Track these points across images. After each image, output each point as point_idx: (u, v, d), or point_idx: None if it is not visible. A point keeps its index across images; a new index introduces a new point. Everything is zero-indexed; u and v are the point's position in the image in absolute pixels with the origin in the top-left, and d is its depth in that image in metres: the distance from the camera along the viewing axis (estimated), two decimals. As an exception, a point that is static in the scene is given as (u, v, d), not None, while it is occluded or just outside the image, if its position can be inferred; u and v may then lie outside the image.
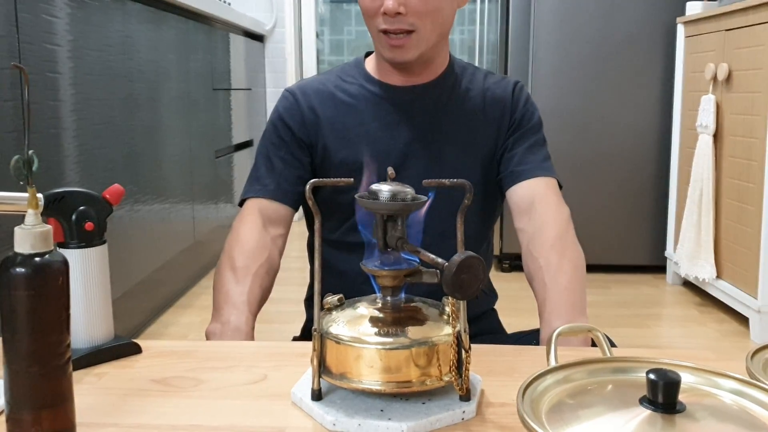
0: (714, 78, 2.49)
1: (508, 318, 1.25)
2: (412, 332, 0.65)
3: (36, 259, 0.58)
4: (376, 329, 0.65)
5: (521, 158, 1.10)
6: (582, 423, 0.52)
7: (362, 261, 0.69)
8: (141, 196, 2.14)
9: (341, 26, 4.49)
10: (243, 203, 1.11)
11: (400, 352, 0.64)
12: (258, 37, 3.96)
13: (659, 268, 3.00)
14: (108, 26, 1.91)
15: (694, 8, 2.71)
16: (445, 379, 0.65)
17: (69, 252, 0.78)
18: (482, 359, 0.77)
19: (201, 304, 2.59)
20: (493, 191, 1.14)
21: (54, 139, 1.61)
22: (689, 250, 2.61)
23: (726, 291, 2.44)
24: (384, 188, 0.66)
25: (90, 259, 0.79)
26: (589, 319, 0.98)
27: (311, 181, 0.69)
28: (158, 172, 2.32)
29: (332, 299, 0.70)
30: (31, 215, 0.59)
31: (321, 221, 0.69)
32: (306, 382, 0.70)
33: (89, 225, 0.79)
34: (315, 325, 0.67)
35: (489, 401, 0.69)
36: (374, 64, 1.12)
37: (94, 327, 0.80)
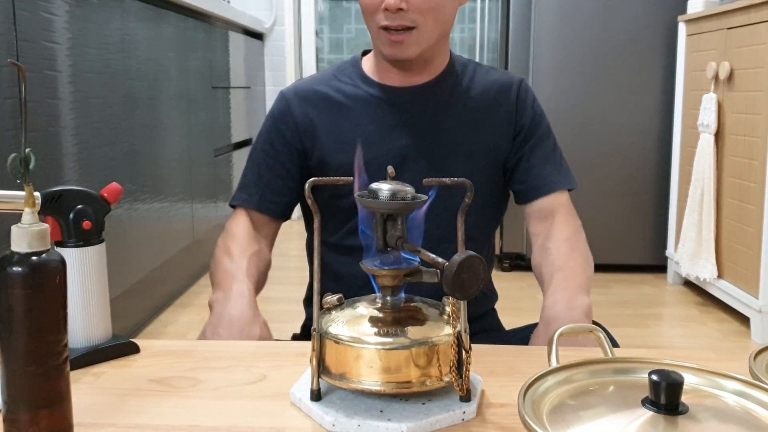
0: (715, 76, 2.48)
1: (508, 318, 1.25)
2: (412, 332, 0.65)
3: (33, 258, 0.58)
4: (376, 329, 0.65)
5: (539, 171, 1.09)
6: (584, 424, 0.51)
7: (362, 261, 0.69)
8: (140, 195, 2.13)
9: (341, 24, 4.49)
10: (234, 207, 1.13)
11: (400, 353, 0.63)
12: (257, 35, 3.96)
13: (660, 268, 3.00)
14: (107, 24, 1.90)
15: (696, 6, 2.71)
16: (446, 380, 0.65)
17: (66, 251, 0.77)
18: (482, 359, 0.77)
19: (200, 303, 2.59)
20: (497, 194, 1.12)
21: (53, 138, 1.60)
22: (690, 250, 2.60)
23: (727, 291, 2.44)
24: (384, 187, 0.66)
25: (88, 258, 0.79)
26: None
27: (311, 180, 0.68)
28: (157, 171, 2.31)
29: (331, 299, 0.69)
30: (28, 214, 0.59)
31: (320, 220, 0.68)
32: (305, 383, 0.69)
33: (87, 224, 0.78)
34: (314, 325, 0.66)
35: (489, 402, 0.69)
36: (372, 64, 1.10)
37: (92, 326, 0.79)
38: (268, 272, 1.11)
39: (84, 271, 0.78)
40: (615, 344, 0.90)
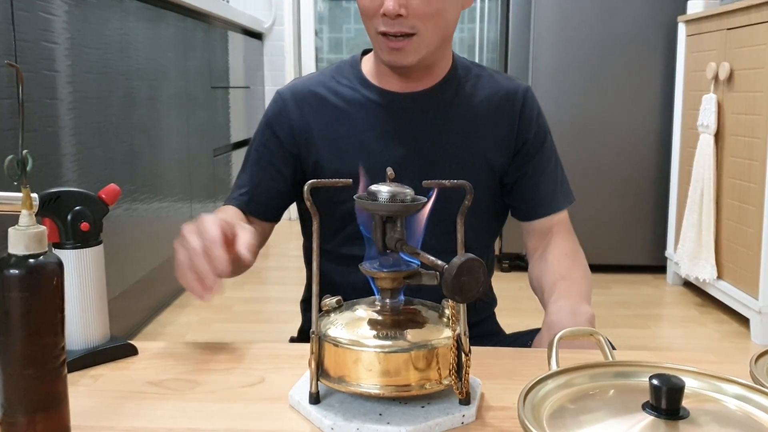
0: (715, 77, 2.48)
1: (508, 318, 1.24)
2: (412, 335, 0.64)
3: (30, 261, 0.57)
4: (375, 332, 0.65)
5: (541, 192, 1.08)
6: (584, 429, 0.51)
7: (361, 263, 0.68)
8: (139, 195, 2.13)
9: (340, 24, 4.48)
10: None
11: (399, 356, 0.63)
12: (257, 35, 3.95)
13: (660, 268, 2.99)
14: (106, 24, 1.90)
15: (696, 7, 2.70)
16: (445, 383, 0.64)
17: (64, 252, 0.77)
18: (482, 362, 0.77)
19: (199, 304, 2.58)
20: (495, 204, 1.10)
21: (51, 138, 1.60)
22: (690, 251, 2.60)
23: (726, 291, 2.43)
24: (383, 189, 0.65)
25: (85, 260, 0.78)
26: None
27: (310, 182, 0.68)
28: (156, 171, 2.31)
29: (330, 301, 0.69)
30: (25, 216, 0.58)
31: (319, 221, 0.68)
32: (304, 385, 0.69)
33: (85, 225, 0.78)
34: (313, 328, 0.66)
35: (489, 405, 0.68)
36: (371, 66, 1.06)
37: (90, 328, 0.79)
38: (252, 257, 0.99)
39: (82, 273, 0.78)
40: (612, 347, 0.90)
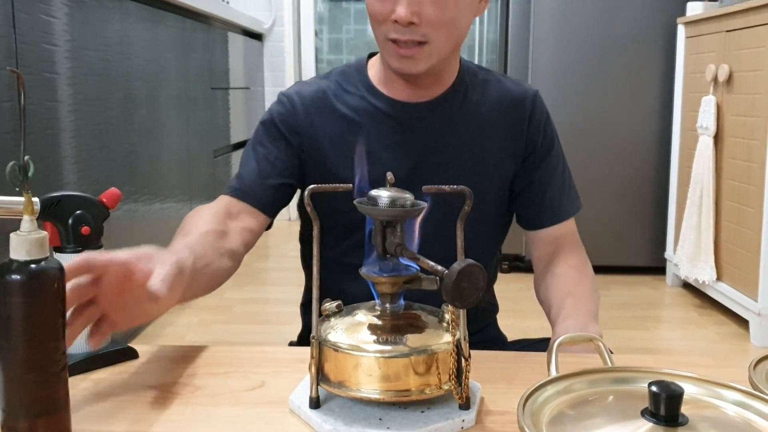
0: (715, 79, 2.48)
1: (508, 320, 1.24)
2: (411, 340, 0.65)
3: (32, 266, 0.58)
4: (375, 337, 0.65)
5: (549, 200, 1.07)
6: (583, 435, 0.51)
7: (361, 268, 0.68)
8: (139, 196, 2.13)
9: (340, 25, 4.48)
10: None
11: (399, 361, 0.63)
12: (257, 36, 3.95)
13: (659, 270, 3.00)
14: (106, 26, 1.90)
15: (695, 9, 2.71)
16: (445, 388, 0.64)
17: (65, 256, 0.77)
18: (481, 366, 0.77)
19: (199, 304, 2.58)
20: (502, 212, 1.09)
21: (52, 140, 1.60)
22: (689, 252, 2.60)
23: (726, 293, 2.44)
24: (383, 194, 0.66)
25: (87, 264, 0.78)
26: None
27: (310, 187, 0.68)
28: (156, 172, 2.31)
29: (330, 306, 0.69)
30: (27, 222, 0.58)
31: (322, 229, 0.68)
32: (304, 390, 0.69)
33: (86, 229, 0.78)
34: (313, 332, 0.66)
35: (489, 409, 0.69)
36: (378, 72, 1.03)
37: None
38: (234, 262, 0.93)
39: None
40: (610, 351, 0.90)
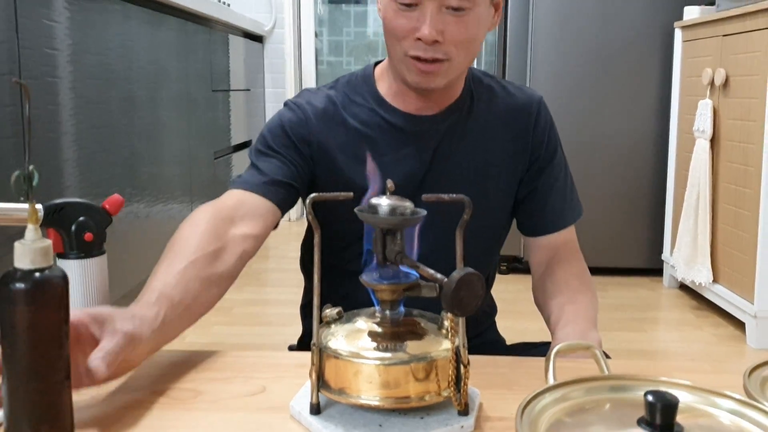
0: (711, 83, 2.49)
1: (506, 321, 1.25)
2: (411, 347, 0.65)
3: (36, 275, 0.58)
4: (375, 344, 0.66)
5: (550, 208, 1.07)
6: (580, 442, 0.52)
7: (361, 275, 0.69)
8: (140, 198, 2.14)
9: (340, 27, 4.49)
10: None
11: (399, 368, 0.64)
12: (257, 38, 3.96)
13: (656, 271, 3.01)
14: (107, 29, 1.91)
15: (692, 13, 2.72)
16: (444, 394, 0.65)
17: (68, 263, 0.78)
18: (480, 371, 0.77)
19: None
20: (504, 220, 1.10)
21: (53, 143, 1.61)
22: (686, 254, 2.61)
23: (722, 295, 2.45)
24: (383, 202, 0.66)
25: (89, 270, 0.79)
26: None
27: (311, 196, 0.69)
28: (157, 174, 2.32)
29: (331, 312, 0.70)
30: (31, 231, 0.59)
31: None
32: (305, 396, 0.70)
33: (88, 236, 0.79)
34: (314, 340, 0.67)
35: (487, 415, 0.69)
36: (386, 82, 1.03)
37: (93, 338, 0.80)
38: (222, 288, 0.90)
39: (85, 283, 0.79)
40: (606, 356, 0.90)
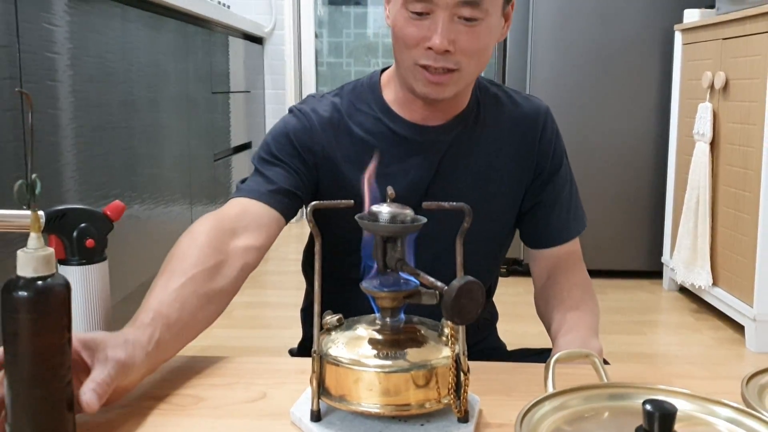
0: (711, 86, 2.50)
1: (506, 325, 1.25)
2: (411, 355, 0.66)
3: (38, 283, 0.59)
4: (376, 351, 0.66)
5: (554, 220, 1.07)
6: (579, 451, 0.52)
7: (361, 282, 0.70)
8: (140, 200, 2.14)
9: (340, 29, 4.50)
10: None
11: (399, 376, 0.64)
12: (257, 40, 3.96)
13: (656, 274, 3.01)
14: (107, 32, 1.91)
15: (692, 16, 2.72)
16: (444, 402, 0.66)
17: (70, 269, 0.78)
18: (480, 377, 0.78)
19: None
20: (510, 228, 1.11)
21: (53, 147, 1.61)
22: (686, 257, 2.62)
23: (722, 298, 2.45)
24: (384, 210, 0.67)
25: (91, 276, 0.80)
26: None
27: (312, 204, 0.69)
28: (157, 175, 2.32)
29: (331, 319, 0.70)
30: (34, 239, 0.59)
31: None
32: (305, 402, 0.70)
33: (90, 242, 0.79)
34: (314, 347, 0.67)
35: (487, 422, 0.70)
36: (393, 91, 1.02)
37: (95, 343, 0.80)
38: (221, 305, 0.88)
39: (87, 289, 0.79)
40: (605, 362, 0.91)
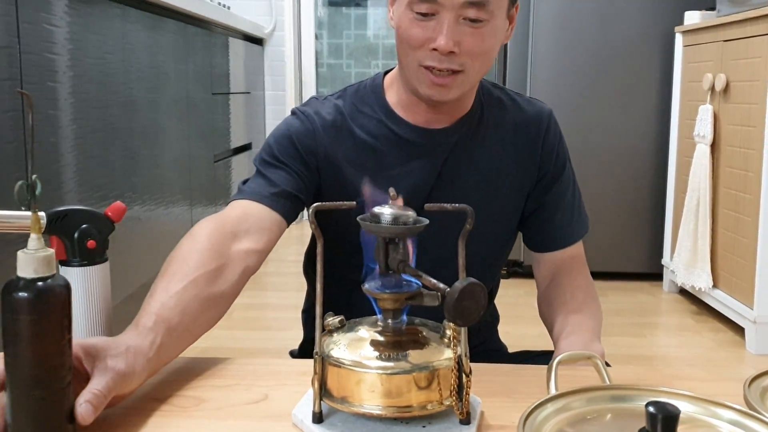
0: (712, 88, 2.50)
1: (507, 326, 1.25)
2: (413, 356, 0.65)
3: (39, 284, 0.59)
4: (377, 353, 0.66)
5: (557, 224, 1.07)
6: (582, 454, 0.52)
7: (363, 283, 0.69)
8: (140, 201, 2.14)
9: (340, 30, 4.50)
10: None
11: (401, 377, 0.64)
12: (257, 41, 3.96)
13: (656, 276, 3.01)
14: (107, 33, 1.91)
15: (693, 18, 2.72)
16: (446, 403, 0.65)
17: (71, 270, 0.78)
18: (481, 379, 0.77)
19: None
20: (513, 231, 1.11)
21: (53, 147, 1.61)
22: (686, 259, 2.62)
23: (722, 300, 2.45)
24: (386, 211, 0.67)
25: (92, 278, 0.79)
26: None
27: (314, 205, 0.69)
28: (157, 176, 2.32)
29: (333, 321, 0.70)
30: (34, 240, 0.59)
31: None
32: (307, 404, 0.70)
33: (91, 243, 0.79)
34: (316, 348, 0.67)
35: (488, 424, 0.70)
36: (396, 93, 1.02)
37: (95, 345, 0.80)
38: (221, 308, 0.88)
39: (88, 290, 0.79)
40: (607, 364, 0.91)
